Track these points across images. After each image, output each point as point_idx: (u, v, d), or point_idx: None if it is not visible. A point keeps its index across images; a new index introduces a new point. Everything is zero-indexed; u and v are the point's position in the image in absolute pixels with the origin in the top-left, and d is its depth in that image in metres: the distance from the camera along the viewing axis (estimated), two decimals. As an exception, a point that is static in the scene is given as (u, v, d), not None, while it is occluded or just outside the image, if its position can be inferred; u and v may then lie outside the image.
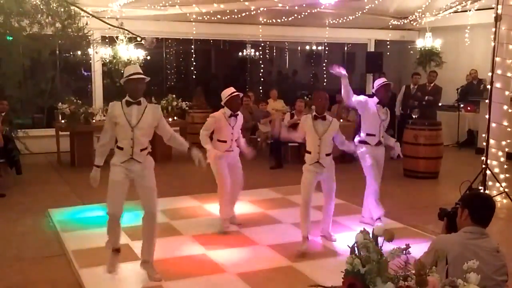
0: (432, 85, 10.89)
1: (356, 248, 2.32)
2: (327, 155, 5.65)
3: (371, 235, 2.34)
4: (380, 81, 6.56)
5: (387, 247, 2.40)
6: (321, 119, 5.59)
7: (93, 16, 9.88)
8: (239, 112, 6.30)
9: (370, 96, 6.66)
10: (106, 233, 4.93)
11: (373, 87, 6.69)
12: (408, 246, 2.29)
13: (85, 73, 12.44)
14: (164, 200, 6.51)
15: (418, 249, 3.11)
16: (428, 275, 2.12)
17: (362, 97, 6.49)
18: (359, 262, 2.18)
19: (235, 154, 6.35)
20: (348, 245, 2.41)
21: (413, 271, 2.20)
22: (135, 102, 4.72)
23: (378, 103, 6.42)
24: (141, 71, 4.80)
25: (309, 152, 5.67)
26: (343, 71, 6.13)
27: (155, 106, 4.97)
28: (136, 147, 4.72)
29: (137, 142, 4.72)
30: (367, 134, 6.45)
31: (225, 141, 6.20)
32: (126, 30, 10.44)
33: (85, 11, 9.50)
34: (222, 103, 6.23)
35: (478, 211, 3.16)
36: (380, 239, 2.37)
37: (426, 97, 10.66)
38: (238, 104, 6.30)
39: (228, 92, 6.20)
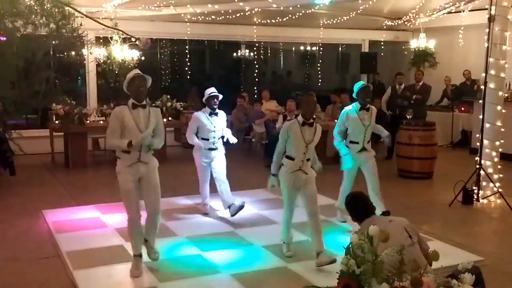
0: (420, 84, 10.99)
1: (351, 249, 2.32)
2: (308, 160, 5.42)
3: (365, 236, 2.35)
4: (358, 84, 6.48)
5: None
6: (308, 125, 5.32)
7: (87, 16, 9.85)
8: (218, 111, 6.74)
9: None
10: (129, 238, 5.08)
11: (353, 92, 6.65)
12: (403, 247, 2.30)
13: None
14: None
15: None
16: (423, 275, 2.13)
17: (341, 116, 6.53)
18: (354, 263, 2.18)
19: (219, 152, 6.81)
20: (343, 246, 2.41)
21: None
22: (141, 105, 4.84)
23: (360, 109, 6.40)
24: (145, 74, 4.92)
25: (292, 159, 5.36)
26: None
27: (156, 109, 5.10)
28: (143, 149, 4.87)
29: (145, 144, 4.86)
30: (351, 142, 6.46)
31: (207, 139, 6.71)
32: (121, 30, 10.42)
33: (79, 12, 9.47)
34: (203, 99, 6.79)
35: (352, 212, 3.74)
36: (375, 240, 2.37)
37: (414, 96, 10.76)
38: (213, 103, 6.67)
39: (207, 91, 6.71)
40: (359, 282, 2.17)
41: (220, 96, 6.73)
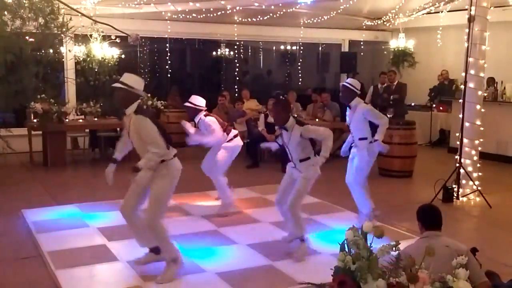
0: (395, 84, 11.19)
1: (346, 245, 2.31)
2: (301, 160, 5.41)
3: (360, 232, 2.35)
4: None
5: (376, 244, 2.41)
6: (284, 130, 5.41)
7: (76, 10, 9.64)
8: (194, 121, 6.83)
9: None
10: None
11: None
12: (398, 243, 2.30)
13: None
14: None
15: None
16: (418, 271, 2.14)
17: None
18: (350, 259, 2.18)
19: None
20: (338, 243, 2.41)
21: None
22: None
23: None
24: (122, 80, 4.64)
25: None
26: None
27: (136, 117, 4.60)
28: (141, 156, 4.68)
29: (138, 151, 4.72)
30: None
31: None
32: (113, 27, 10.23)
33: (69, 7, 9.27)
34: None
35: (424, 220, 3.83)
36: (369, 236, 2.38)
37: (392, 96, 10.95)
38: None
39: None
40: (354, 279, 2.16)
41: (191, 107, 6.70)
